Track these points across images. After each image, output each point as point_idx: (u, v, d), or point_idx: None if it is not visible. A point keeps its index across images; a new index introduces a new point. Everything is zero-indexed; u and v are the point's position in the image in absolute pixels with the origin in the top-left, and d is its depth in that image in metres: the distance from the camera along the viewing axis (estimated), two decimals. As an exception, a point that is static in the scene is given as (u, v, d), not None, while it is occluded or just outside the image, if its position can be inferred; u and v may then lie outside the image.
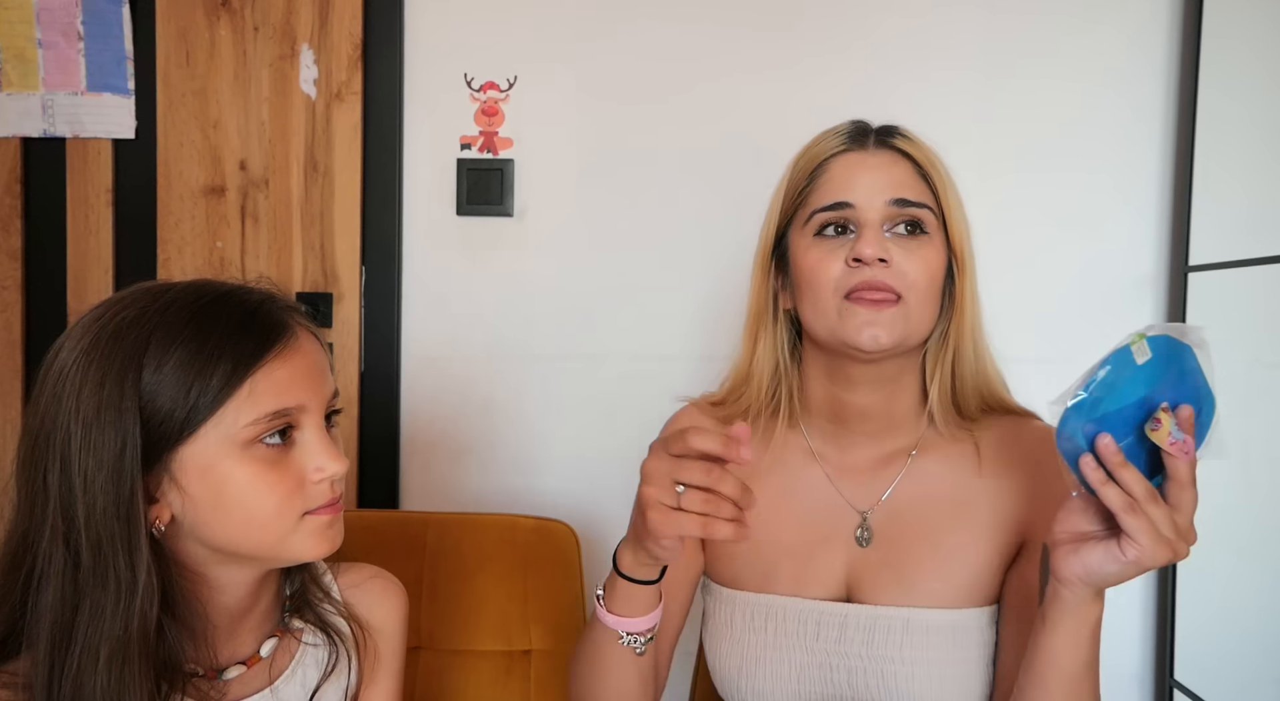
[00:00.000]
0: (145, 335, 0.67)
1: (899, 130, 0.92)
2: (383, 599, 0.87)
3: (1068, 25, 1.50)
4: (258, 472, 0.69)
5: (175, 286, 0.72)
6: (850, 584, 0.92)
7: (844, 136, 0.91)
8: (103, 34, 1.57)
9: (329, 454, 0.72)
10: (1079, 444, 0.70)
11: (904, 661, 0.87)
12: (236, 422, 0.68)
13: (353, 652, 0.82)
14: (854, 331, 0.85)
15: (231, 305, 0.71)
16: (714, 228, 1.55)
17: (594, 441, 1.59)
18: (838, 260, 0.86)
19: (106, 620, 0.67)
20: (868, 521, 0.93)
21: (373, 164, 1.58)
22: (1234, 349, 1.43)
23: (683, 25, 1.54)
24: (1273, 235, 1.33)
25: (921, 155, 0.89)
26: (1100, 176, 1.51)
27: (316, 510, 0.72)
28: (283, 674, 0.79)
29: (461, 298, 1.59)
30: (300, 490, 0.71)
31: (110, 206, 1.60)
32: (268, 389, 0.69)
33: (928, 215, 0.87)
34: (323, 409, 0.74)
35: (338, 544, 0.75)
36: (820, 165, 0.90)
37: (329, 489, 0.73)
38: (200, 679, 0.75)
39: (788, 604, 0.91)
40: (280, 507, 0.71)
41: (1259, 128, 1.40)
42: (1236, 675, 1.39)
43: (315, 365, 0.73)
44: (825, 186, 0.89)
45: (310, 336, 0.74)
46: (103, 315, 0.69)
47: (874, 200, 0.86)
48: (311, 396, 0.72)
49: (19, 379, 1.61)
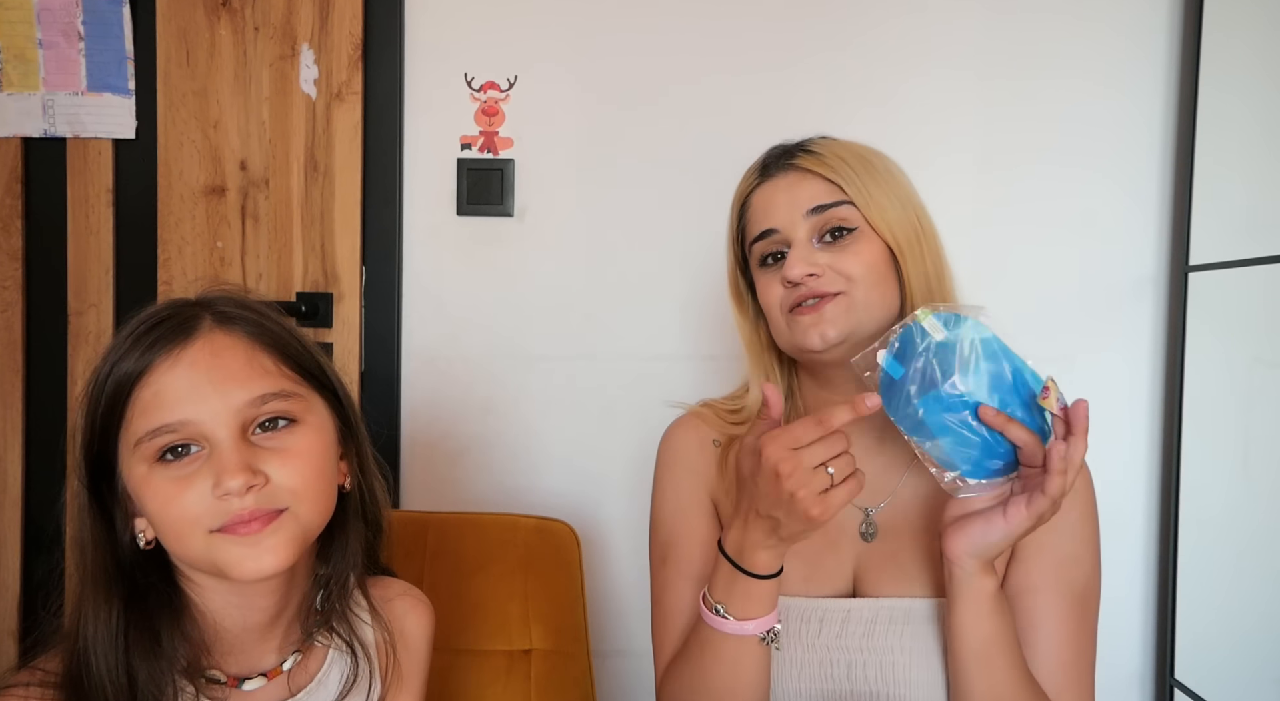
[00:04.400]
0: (103, 362, 0.71)
1: (805, 146, 0.96)
2: (410, 615, 0.87)
3: (1068, 25, 1.50)
4: (160, 489, 0.68)
5: (142, 312, 0.73)
6: (857, 579, 0.94)
7: (758, 170, 0.98)
8: (103, 34, 1.57)
9: (227, 466, 0.67)
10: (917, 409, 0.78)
11: (903, 651, 0.88)
12: (129, 444, 0.69)
13: (377, 668, 0.82)
14: (802, 336, 0.90)
15: (140, 319, 0.71)
16: (714, 227, 1.54)
17: (594, 441, 1.59)
18: (776, 283, 0.93)
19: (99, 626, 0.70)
20: (871, 517, 0.95)
21: (373, 164, 1.58)
22: (1234, 349, 1.43)
23: (682, 25, 1.54)
24: (1273, 235, 1.33)
25: (824, 164, 0.93)
26: (1100, 176, 1.51)
27: (224, 528, 0.68)
28: (304, 688, 0.79)
29: (462, 297, 1.59)
30: (201, 504, 0.68)
31: (110, 206, 1.60)
32: (148, 404, 0.68)
33: (847, 212, 0.91)
34: (231, 419, 0.68)
35: (269, 565, 0.68)
36: (745, 202, 0.98)
37: (237, 504, 0.67)
38: (221, 687, 0.75)
39: (792, 603, 0.92)
40: (180, 523, 0.68)
41: (1259, 127, 1.40)
42: (1236, 675, 1.39)
43: (208, 373, 0.68)
44: (752, 221, 0.97)
45: (224, 339, 0.70)
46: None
47: (792, 218, 0.92)
48: (200, 408, 0.67)
49: (19, 379, 1.61)
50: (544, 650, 1.18)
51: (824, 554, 0.94)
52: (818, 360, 0.93)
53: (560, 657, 1.18)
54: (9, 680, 0.71)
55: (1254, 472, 1.38)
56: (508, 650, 1.18)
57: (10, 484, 1.61)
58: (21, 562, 1.61)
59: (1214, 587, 1.43)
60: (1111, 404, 1.52)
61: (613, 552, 1.58)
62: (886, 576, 0.92)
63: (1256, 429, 1.36)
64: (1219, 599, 1.43)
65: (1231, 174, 1.43)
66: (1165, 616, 1.49)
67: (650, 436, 1.56)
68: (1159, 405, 1.51)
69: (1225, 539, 1.41)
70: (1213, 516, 1.42)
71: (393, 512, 0.89)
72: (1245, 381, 1.39)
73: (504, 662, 1.18)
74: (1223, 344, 1.43)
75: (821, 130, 1.01)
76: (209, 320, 0.71)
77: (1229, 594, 1.42)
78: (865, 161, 0.93)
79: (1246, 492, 1.39)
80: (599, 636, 1.53)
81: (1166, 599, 1.49)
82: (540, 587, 1.19)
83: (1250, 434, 1.36)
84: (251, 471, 0.68)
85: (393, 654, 0.83)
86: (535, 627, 1.18)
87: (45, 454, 1.61)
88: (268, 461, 0.69)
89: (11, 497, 1.61)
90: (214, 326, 0.71)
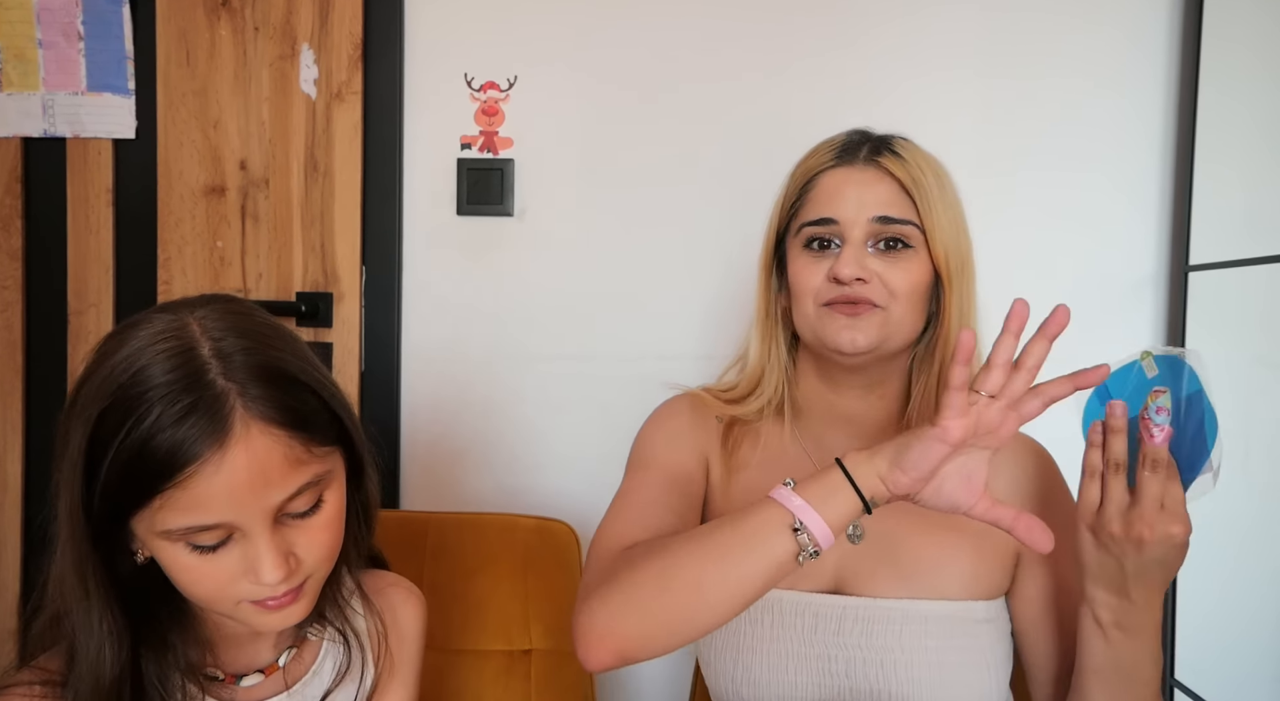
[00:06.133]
0: (96, 412, 0.65)
1: (892, 145, 0.93)
2: (402, 606, 0.88)
3: (1068, 24, 1.50)
4: (188, 565, 0.67)
5: (146, 355, 0.66)
6: (840, 578, 0.93)
7: (835, 151, 0.94)
8: (103, 34, 1.57)
9: (266, 564, 0.67)
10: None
11: (904, 650, 0.88)
12: (153, 526, 0.66)
13: (370, 655, 0.83)
14: (833, 334, 0.89)
15: (169, 398, 0.64)
16: (714, 227, 1.55)
17: (594, 441, 1.59)
18: (820, 273, 0.91)
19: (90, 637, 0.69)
20: (858, 519, 0.93)
21: (373, 164, 1.58)
22: (1234, 349, 1.43)
23: (682, 24, 1.54)
24: (1273, 235, 1.33)
25: (907, 174, 0.90)
26: (1100, 176, 1.51)
27: (260, 602, 0.70)
28: (300, 680, 0.80)
29: (462, 297, 1.59)
30: (234, 584, 0.68)
31: (110, 206, 1.60)
32: (182, 504, 0.64)
33: (910, 231, 0.90)
34: (267, 516, 0.67)
35: (291, 622, 0.73)
36: (811, 180, 0.93)
37: (270, 590, 0.69)
38: (219, 684, 0.76)
39: (784, 596, 0.92)
40: (212, 596, 0.69)
41: (1259, 127, 1.40)
42: (1236, 675, 1.39)
43: (248, 481, 0.65)
44: (813, 202, 0.92)
45: (261, 439, 0.66)
46: (88, 368, 0.68)
47: (858, 217, 0.90)
48: (238, 513, 0.66)
49: (19, 379, 1.61)
50: (544, 650, 1.18)
51: None
52: (835, 357, 0.92)
53: (560, 657, 1.18)
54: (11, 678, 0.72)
55: (1253, 472, 1.38)
56: (508, 650, 1.18)
57: (10, 484, 1.61)
58: (21, 563, 1.61)
59: (1213, 587, 1.43)
60: (1111, 404, 1.52)
61: (613, 552, 1.58)
62: (881, 577, 0.92)
63: (1256, 429, 1.36)
64: (1218, 599, 1.43)
65: (1231, 174, 1.43)
66: (1165, 616, 1.49)
67: (650, 436, 1.57)
68: (1159, 405, 1.51)
69: (1225, 539, 1.41)
70: (1212, 516, 1.42)
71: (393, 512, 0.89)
72: (1245, 381, 1.39)
73: (504, 662, 1.18)
74: (1223, 344, 1.43)
75: (822, 130, 1.01)
76: (240, 412, 0.66)
77: (1228, 594, 1.42)
78: (939, 179, 0.92)
79: (1246, 492, 1.39)
80: (599, 636, 1.53)
81: (1166, 599, 1.49)
82: (540, 587, 1.19)
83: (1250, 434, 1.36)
84: (287, 560, 0.69)
85: (385, 642, 0.84)
86: (535, 627, 1.19)
87: (45, 454, 1.61)
88: (296, 541, 0.70)
89: (11, 497, 1.61)
90: (249, 419, 0.66)
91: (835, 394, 0.96)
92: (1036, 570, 0.93)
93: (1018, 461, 0.97)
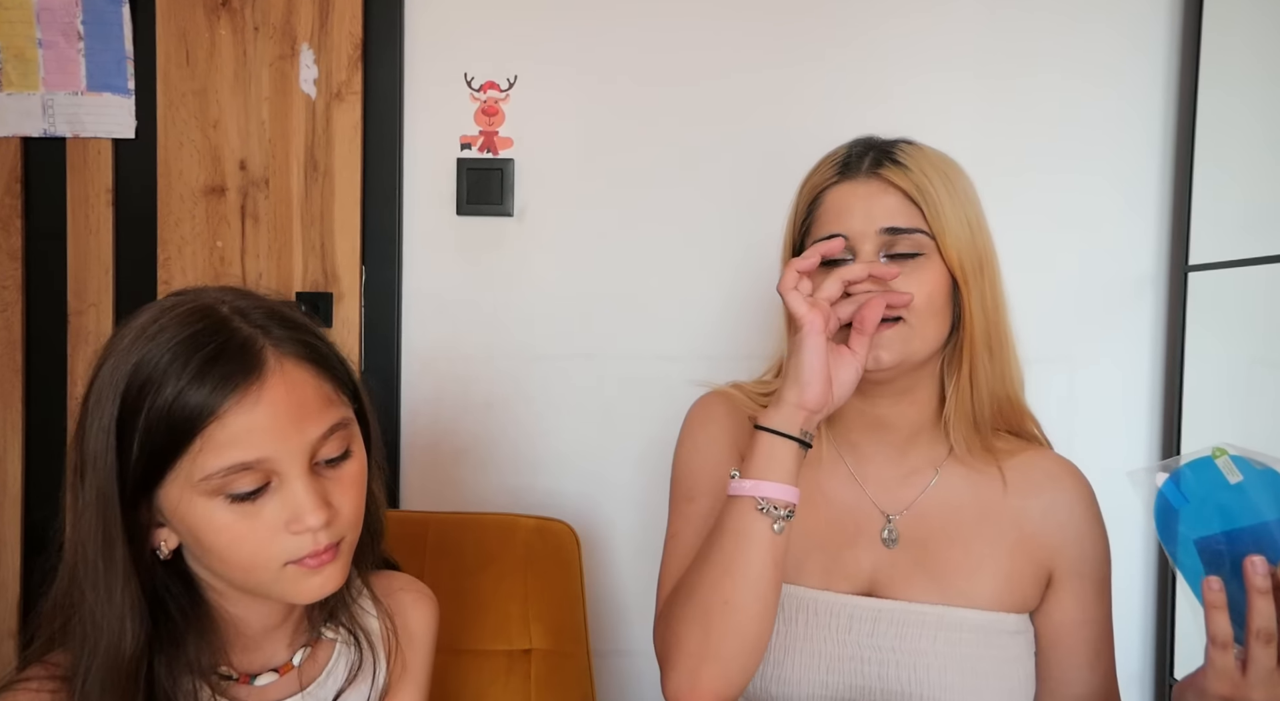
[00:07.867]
0: (125, 374, 0.67)
1: (894, 154, 0.93)
2: (413, 608, 0.88)
3: (1067, 24, 1.50)
4: (226, 524, 0.67)
5: (166, 317, 0.68)
6: (875, 581, 0.94)
7: (838, 165, 0.94)
8: (103, 34, 1.57)
9: (307, 506, 0.68)
10: (1191, 555, 0.72)
11: (937, 655, 0.89)
12: (192, 476, 0.66)
13: (381, 656, 0.83)
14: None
15: (197, 344, 0.66)
16: (714, 227, 1.55)
17: (594, 441, 1.59)
18: None
19: (99, 637, 0.69)
20: (893, 524, 0.95)
21: (373, 164, 1.58)
22: (1234, 349, 1.43)
23: (682, 24, 1.54)
24: (1272, 235, 1.33)
25: (911, 182, 0.90)
26: (1100, 176, 1.51)
27: (300, 560, 0.69)
28: (314, 680, 0.80)
29: (461, 297, 1.59)
30: (275, 541, 0.68)
31: (110, 206, 1.60)
32: (222, 442, 0.65)
33: (921, 239, 0.90)
34: (304, 455, 0.68)
35: (330, 589, 0.72)
36: (817, 197, 0.94)
37: (311, 540, 0.69)
38: (233, 683, 0.76)
39: (819, 597, 0.93)
40: (253, 559, 0.69)
41: (1259, 127, 1.40)
42: (1236, 675, 1.39)
43: (288, 412, 0.67)
44: (822, 220, 0.93)
45: (295, 373, 0.69)
46: (107, 346, 0.70)
47: (866, 230, 0.90)
48: (279, 447, 0.67)
49: (19, 378, 1.61)
50: (544, 650, 1.18)
51: (844, 549, 0.95)
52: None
53: (560, 657, 1.18)
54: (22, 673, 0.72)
55: (1253, 472, 1.38)
56: (508, 650, 1.18)
57: (10, 484, 1.61)
58: (21, 562, 1.61)
59: (1213, 587, 1.43)
60: (1111, 404, 1.52)
61: (613, 553, 1.58)
62: (917, 583, 0.92)
63: (1256, 429, 1.36)
64: (1218, 598, 1.43)
65: (1231, 174, 1.43)
66: (1165, 616, 1.49)
67: (651, 436, 1.57)
68: (1159, 405, 1.52)
69: (1225, 539, 1.41)
70: (1212, 516, 1.42)
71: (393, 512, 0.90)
72: (1245, 381, 1.39)
73: (504, 662, 1.18)
74: (1222, 344, 1.43)
75: (821, 130, 1.01)
76: (270, 350, 0.68)
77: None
78: (948, 181, 0.92)
79: (1246, 492, 1.39)
80: (599, 636, 1.53)
81: (1166, 599, 1.49)
82: (540, 587, 1.19)
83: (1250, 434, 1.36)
84: (327, 506, 0.69)
85: (396, 643, 0.84)
86: (535, 627, 1.19)
87: (45, 454, 1.61)
88: (332, 492, 0.70)
89: (11, 497, 1.61)
90: (280, 357, 0.69)
91: (867, 402, 0.96)
92: (1066, 592, 0.94)
93: (1057, 486, 0.97)
